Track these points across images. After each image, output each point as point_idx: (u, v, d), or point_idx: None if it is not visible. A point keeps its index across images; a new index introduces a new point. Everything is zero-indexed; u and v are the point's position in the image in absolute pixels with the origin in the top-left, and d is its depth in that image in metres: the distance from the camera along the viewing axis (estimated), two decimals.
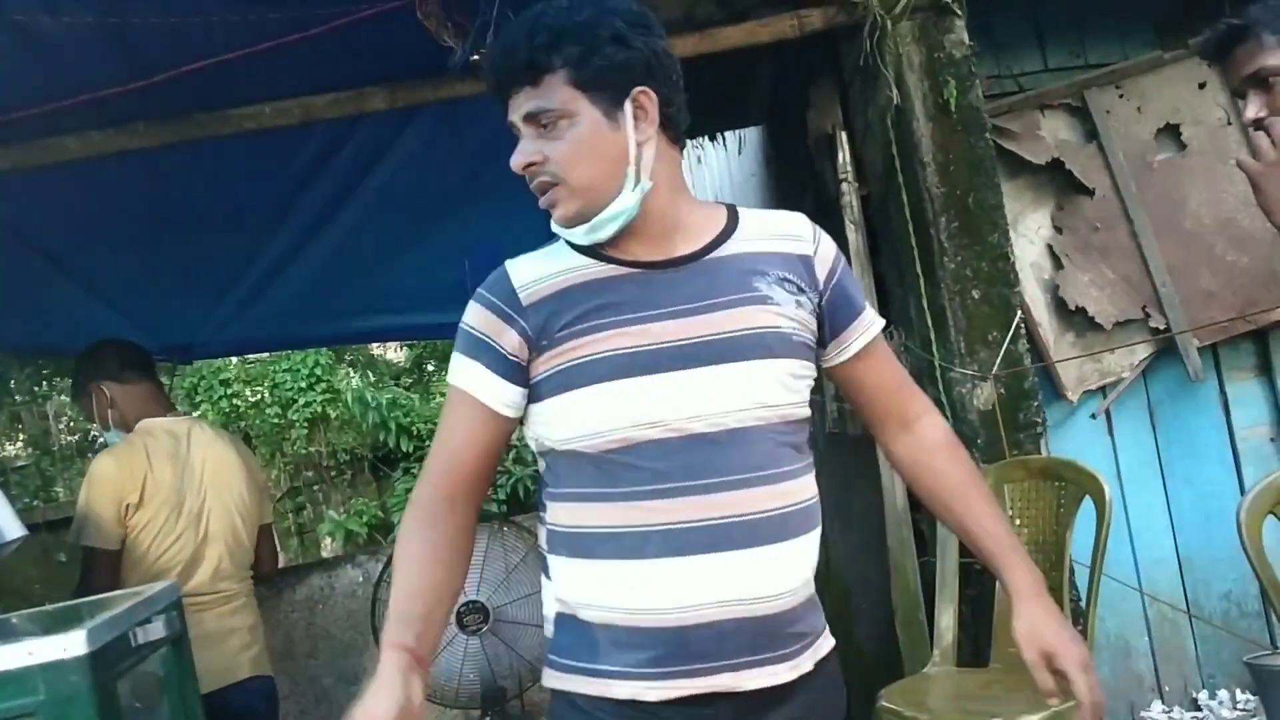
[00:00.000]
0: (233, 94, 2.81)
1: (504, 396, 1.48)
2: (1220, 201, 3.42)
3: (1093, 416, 3.49)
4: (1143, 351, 3.43)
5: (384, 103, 2.90)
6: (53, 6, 2.25)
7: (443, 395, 10.86)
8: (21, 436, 8.76)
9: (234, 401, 10.23)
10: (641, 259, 1.49)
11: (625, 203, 1.45)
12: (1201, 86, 3.50)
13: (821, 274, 1.54)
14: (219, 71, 2.51)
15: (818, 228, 1.58)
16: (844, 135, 3.43)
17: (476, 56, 2.53)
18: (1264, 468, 3.37)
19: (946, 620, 2.90)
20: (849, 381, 1.66)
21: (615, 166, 1.45)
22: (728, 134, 4.98)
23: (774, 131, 4.59)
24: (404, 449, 9.46)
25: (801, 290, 1.52)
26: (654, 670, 1.44)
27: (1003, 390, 2.97)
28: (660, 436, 1.43)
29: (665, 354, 1.44)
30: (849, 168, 3.41)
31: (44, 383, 7.07)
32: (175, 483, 2.87)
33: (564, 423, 1.46)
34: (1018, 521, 2.86)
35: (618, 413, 1.43)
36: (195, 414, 9.79)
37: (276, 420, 9.99)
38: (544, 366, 1.47)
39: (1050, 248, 3.47)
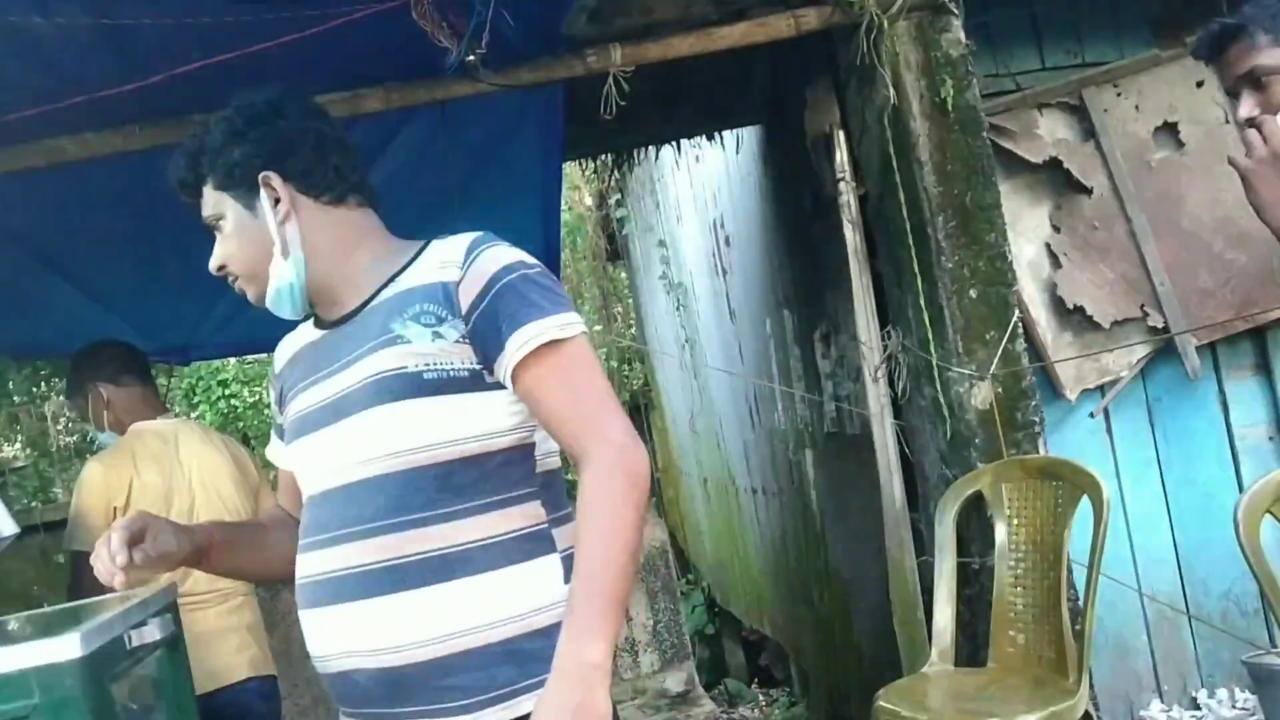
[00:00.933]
0: (229, 95, 2.78)
1: (278, 453, 1.72)
2: (1219, 200, 3.42)
3: (1091, 415, 3.48)
4: (1141, 350, 3.43)
5: (380, 103, 2.90)
6: (45, 8, 2.24)
7: None
8: (20, 438, 8.76)
9: (232, 402, 10.23)
10: (326, 321, 1.62)
11: (281, 278, 1.57)
12: (1199, 85, 3.50)
13: (465, 301, 1.48)
14: (215, 72, 2.50)
15: (483, 251, 1.51)
16: (841, 135, 3.43)
17: (472, 57, 2.53)
18: (1263, 466, 3.37)
19: (944, 620, 2.90)
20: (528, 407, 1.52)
21: (261, 249, 1.58)
22: (725, 133, 4.97)
23: (772, 131, 4.59)
24: None
25: (442, 320, 1.48)
26: (342, 710, 1.56)
27: (1000, 389, 2.97)
28: (310, 493, 1.57)
29: (309, 419, 1.58)
30: (846, 167, 3.41)
31: (42, 384, 7.06)
32: (162, 485, 2.90)
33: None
34: (1015, 521, 2.86)
35: (298, 471, 1.63)
36: (194, 414, 9.78)
37: None
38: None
39: (1048, 246, 3.47)
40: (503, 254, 1.51)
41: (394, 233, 1.62)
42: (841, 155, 3.43)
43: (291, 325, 1.71)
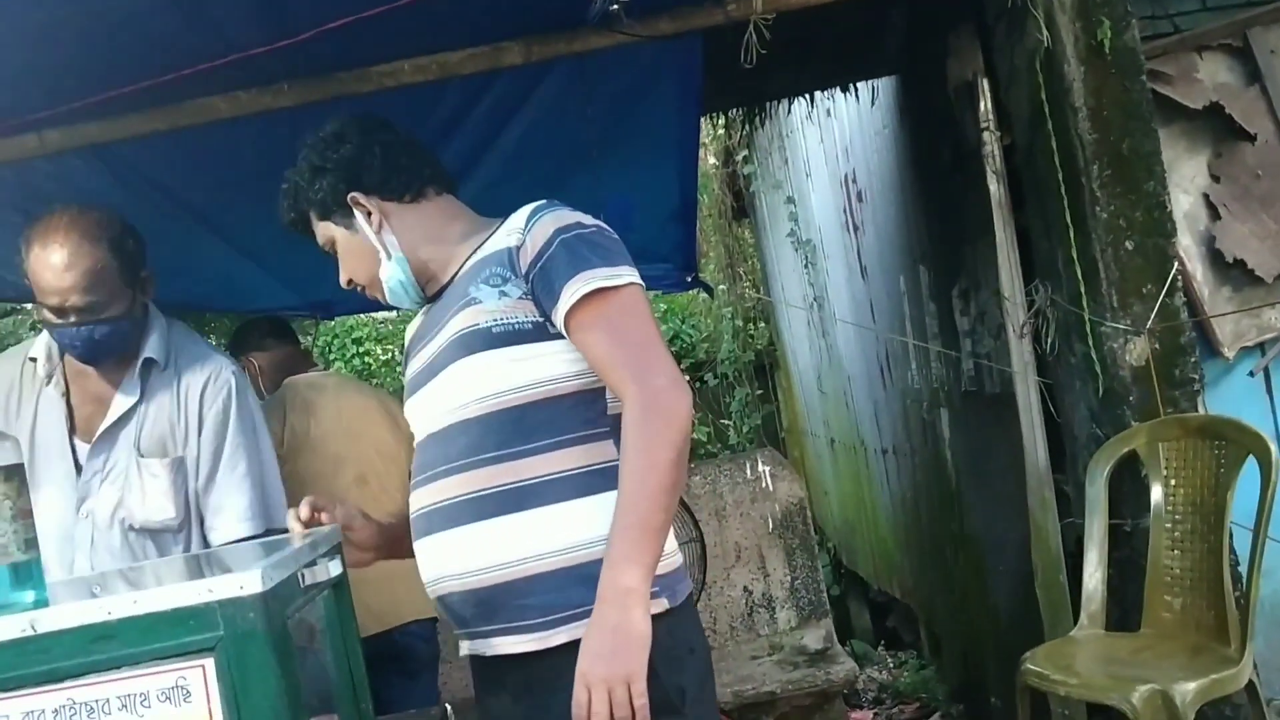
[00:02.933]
0: (372, 52, 2.84)
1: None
2: None
3: (1250, 374, 3.32)
4: None
5: (520, 57, 2.90)
6: None
7: None
8: None
9: (365, 359, 10.50)
10: (429, 296, 1.85)
11: (393, 277, 1.81)
12: None
13: (524, 262, 1.66)
14: (360, 29, 2.53)
15: (541, 216, 1.68)
16: (986, 82, 3.32)
17: (615, 5, 2.51)
18: None
19: (1094, 583, 2.81)
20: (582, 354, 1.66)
21: (371, 258, 1.82)
22: (859, 85, 4.86)
23: (908, 81, 4.47)
24: None
25: (506, 280, 1.67)
26: (454, 632, 1.77)
27: (1157, 345, 2.85)
28: (418, 440, 1.78)
29: (415, 380, 1.80)
30: (991, 116, 3.30)
31: (210, 337, 7.35)
32: (314, 431, 3.01)
33: None
34: (1173, 482, 2.75)
35: (414, 425, 1.81)
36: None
37: None
38: None
39: (1206, 197, 3.31)
40: (560, 217, 1.67)
41: (529, 187, 1.74)
42: (986, 104, 3.32)
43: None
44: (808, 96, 5.10)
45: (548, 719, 1.58)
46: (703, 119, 6.01)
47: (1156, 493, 2.77)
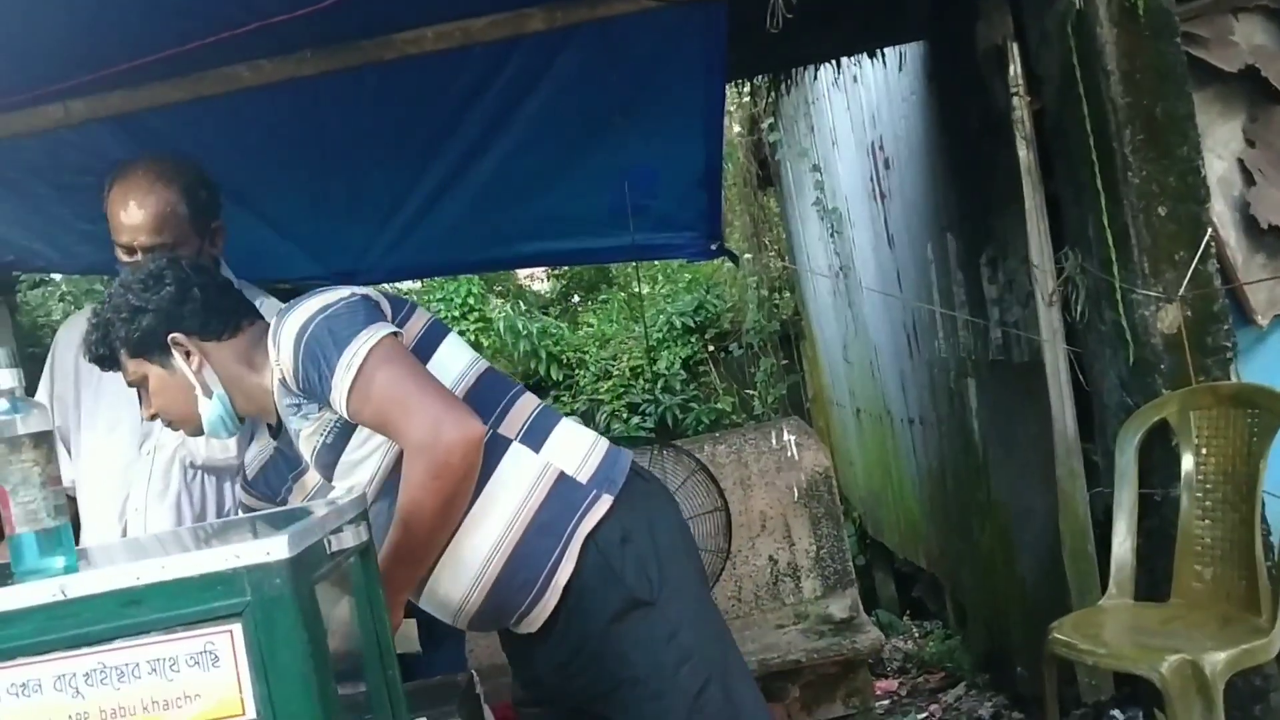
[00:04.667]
0: (395, 19, 2.83)
1: None
2: None
3: None
4: None
5: (542, 23, 2.88)
6: None
7: (589, 326, 10.93)
8: None
9: None
10: (271, 428, 1.98)
11: (213, 413, 1.89)
12: None
13: (292, 384, 1.80)
14: None
15: (278, 335, 1.80)
16: (1016, 46, 3.27)
17: None
18: None
19: (1123, 552, 2.79)
20: None
21: (188, 395, 1.89)
22: (886, 51, 4.80)
23: (936, 46, 4.41)
24: (554, 377, 9.60)
25: (299, 407, 1.83)
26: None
27: (1189, 312, 2.81)
28: None
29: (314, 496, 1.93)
30: (1020, 81, 3.26)
31: None
32: None
33: None
34: (1204, 451, 2.72)
35: None
36: None
37: None
38: None
39: (1241, 162, 3.25)
40: (290, 325, 1.78)
41: (552, 155, 1.71)
42: (1015, 68, 3.28)
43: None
44: (834, 62, 5.05)
45: (582, 653, 1.84)
46: (727, 86, 5.97)
47: (1187, 462, 2.75)
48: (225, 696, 1.12)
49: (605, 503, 1.84)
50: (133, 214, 2.23)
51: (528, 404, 1.93)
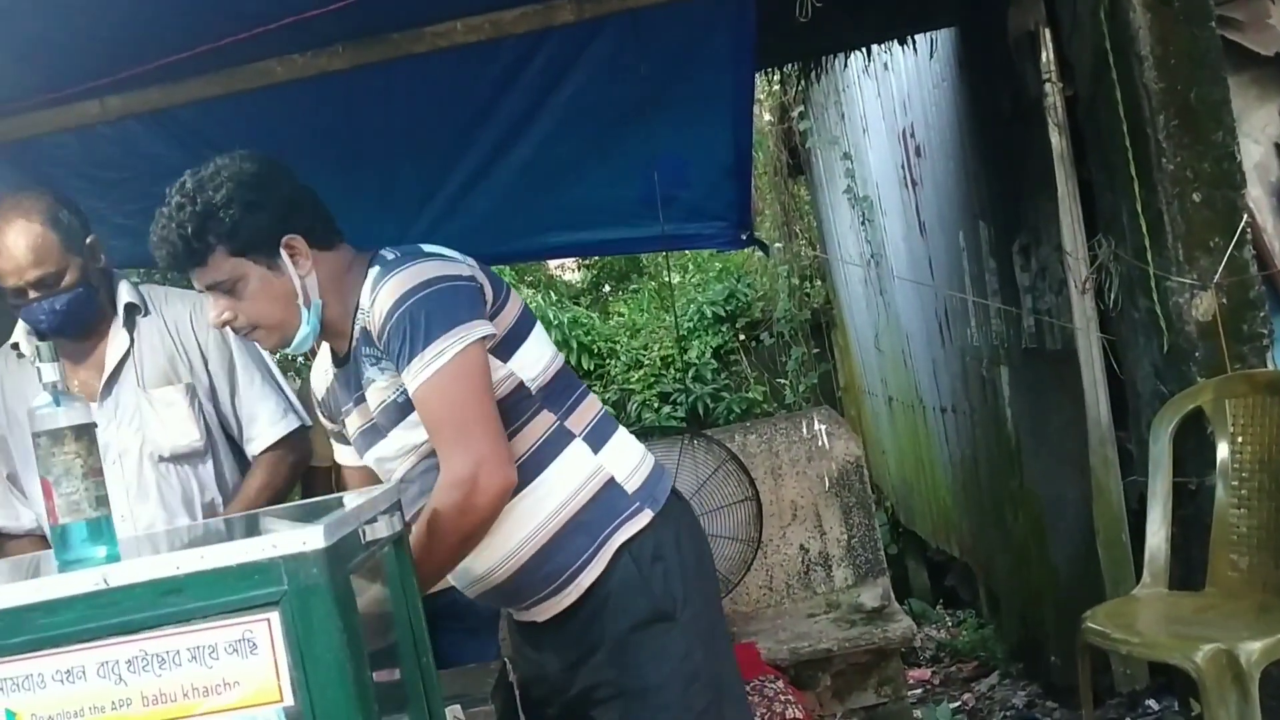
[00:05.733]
0: (425, 12, 2.85)
1: (345, 456, 2.03)
2: None
3: None
4: None
5: (571, 14, 2.89)
6: None
7: (619, 315, 10.90)
8: None
9: None
10: (338, 356, 1.91)
11: (306, 326, 1.82)
12: None
13: (375, 337, 1.77)
14: None
15: (380, 289, 1.74)
16: (1047, 32, 3.25)
17: None
18: None
19: (1158, 541, 2.77)
20: None
21: (290, 303, 1.80)
22: (918, 38, 4.77)
23: (968, 33, 4.38)
24: (585, 366, 9.62)
25: (378, 359, 1.79)
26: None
27: (1224, 300, 2.79)
28: (397, 479, 1.87)
29: (364, 438, 1.90)
30: (1053, 67, 3.24)
31: None
32: None
33: None
34: (1240, 439, 2.70)
35: (379, 472, 1.93)
36: None
37: None
38: None
39: (1277, 147, 3.20)
40: (396, 287, 1.73)
41: (582, 145, 1.66)
42: (1048, 54, 3.25)
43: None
44: (865, 50, 5.03)
45: (595, 654, 1.85)
46: (757, 74, 5.95)
47: (1223, 450, 2.72)
48: (263, 684, 1.14)
49: (645, 517, 1.85)
50: (7, 257, 2.25)
51: (593, 404, 1.94)
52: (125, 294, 2.45)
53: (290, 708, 1.14)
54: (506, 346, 1.81)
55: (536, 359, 1.85)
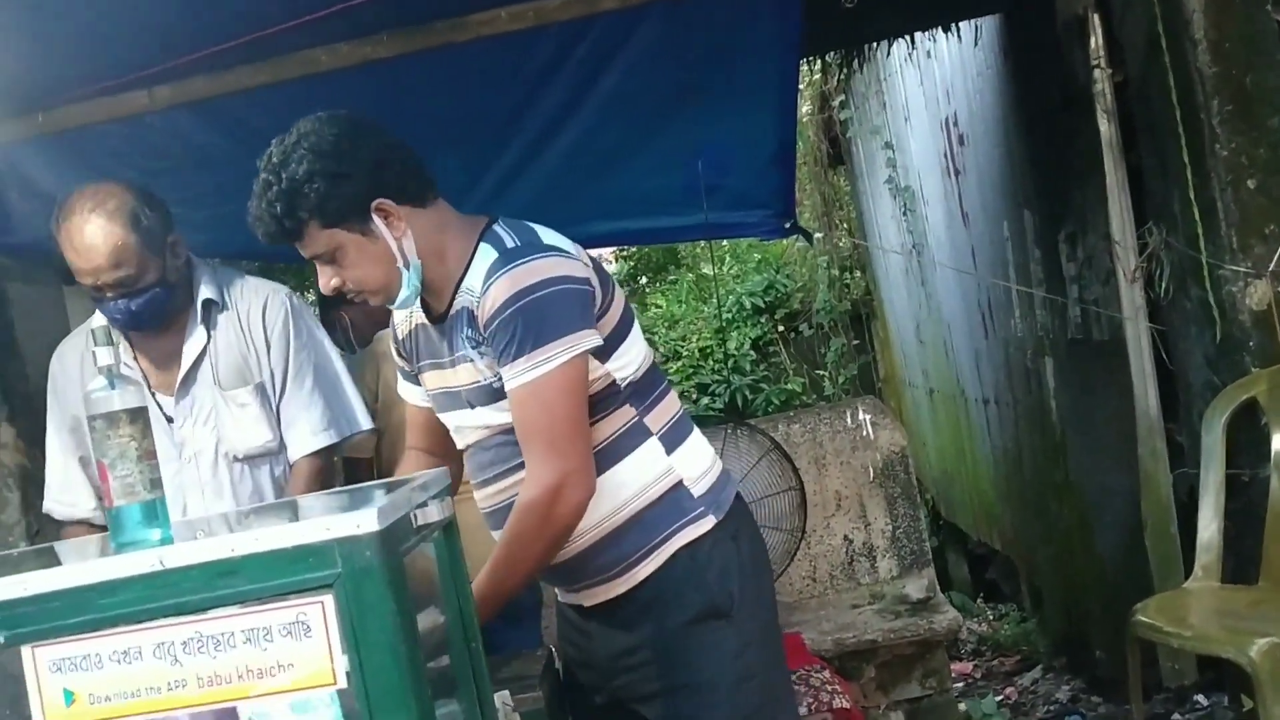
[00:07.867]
0: (469, 0, 2.85)
1: (411, 393, 2.03)
2: None
3: None
4: None
5: (615, 2, 2.88)
6: None
7: (657, 307, 10.87)
8: None
9: None
10: (430, 310, 1.89)
11: (409, 284, 1.80)
12: None
13: (481, 324, 1.76)
14: None
15: (495, 279, 1.73)
16: (1097, 17, 3.20)
17: None
18: None
19: (1210, 534, 2.74)
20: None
21: (390, 265, 1.78)
22: (962, 24, 4.71)
23: (1014, 19, 4.33)
24: None
25: (479, 343, 1.79)
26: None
27: (1279, 288, 2.74)
28: (463, 445, 1.93)
29: (445, 398, 1.91)
30: (1102, 52, 3.19)
31: (307, 292, 7.54)
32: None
33: None
34: None
35: (449, 426, 1.95)
36: None
37: None
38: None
39: None
40: (513, 282, 1.72)
41: (626, 134, 1.65)
42: (1097, 39, 3.21)
43: None
44: (908, 38, 4.97)
45: (646, 647, 1.85)
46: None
47: (1277, 441, 2.68)
48: (317, 666, 1.14)
49: (708, 523, 1.85)
50: (87, 259, 2.23)
51: (672, 403, 1.93)
52: (205, 289, 2.42)
53: (343, 690, 1.14)
54: (607, 348, 1.80)
55: (632, 359, 1.85)
